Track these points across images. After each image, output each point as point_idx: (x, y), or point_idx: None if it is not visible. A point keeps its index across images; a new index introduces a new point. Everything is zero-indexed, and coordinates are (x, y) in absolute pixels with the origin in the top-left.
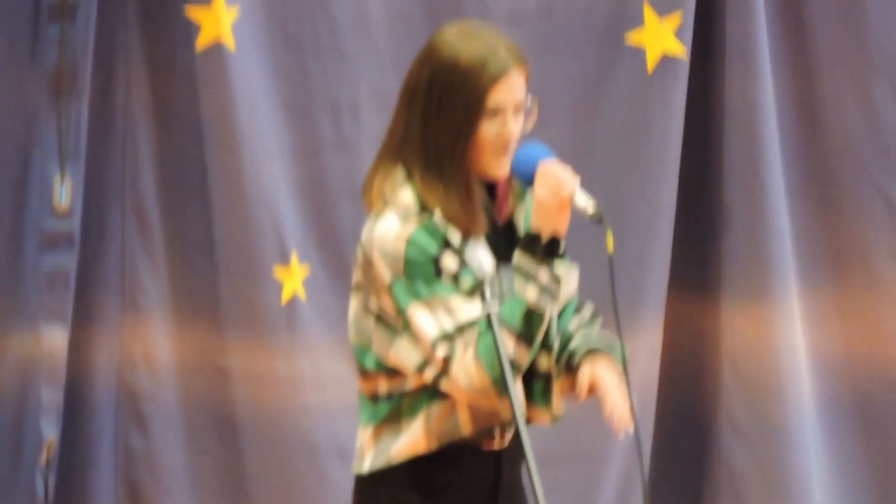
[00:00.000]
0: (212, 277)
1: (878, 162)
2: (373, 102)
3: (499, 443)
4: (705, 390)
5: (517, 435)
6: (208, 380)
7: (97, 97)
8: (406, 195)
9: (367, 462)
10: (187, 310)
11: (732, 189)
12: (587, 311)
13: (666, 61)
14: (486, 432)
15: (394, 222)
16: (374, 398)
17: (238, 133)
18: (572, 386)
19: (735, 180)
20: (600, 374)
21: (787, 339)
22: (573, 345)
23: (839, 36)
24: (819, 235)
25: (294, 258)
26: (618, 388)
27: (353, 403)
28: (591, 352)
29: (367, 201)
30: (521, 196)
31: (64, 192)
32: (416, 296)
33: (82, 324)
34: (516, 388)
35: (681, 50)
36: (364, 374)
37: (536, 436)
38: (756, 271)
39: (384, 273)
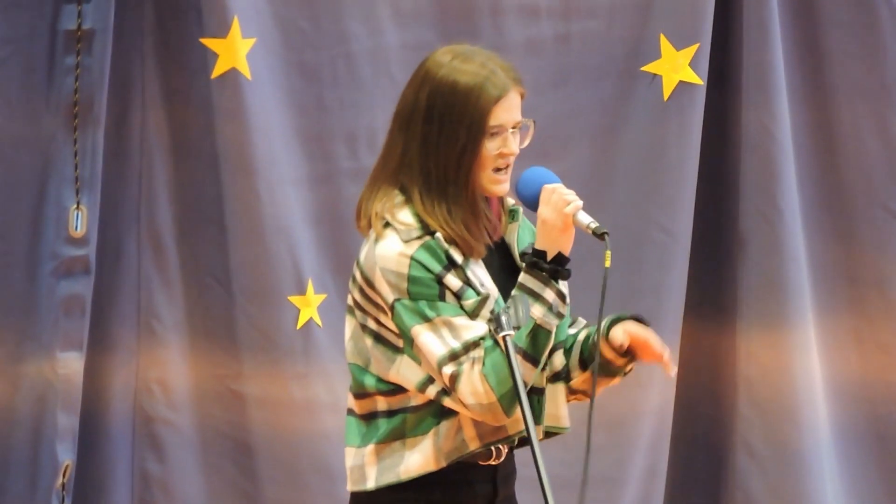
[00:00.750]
0: (227, 303)
1: (894, 189)
2: None
3: (496, 458)
4: (721, 415)
5: (511, 452)
6: (224, 405)
7: (113, 125)
8: (406, 216)
9: (372, 479)
10: (203, 335)
11: (748, 216)
12: (580, 323)
13: (682, 87)
14: (489, 448)
15: (396, 242)
16: (371, 416)
17: (254, 161)
18: (586, 391)
19: (751, 207)
20: (633, 328)
21: (803, 364)
22: (581, 336)
23: (856, 65)
24: (835, 262)
25: (310, 287)
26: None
27: None
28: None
29: (361, 225)
30: (512, 216)
31: (80, 220)
32: (421, 316)
33: (98, 350)
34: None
35: (697, 79)
36: (361, 392)
37: (554, 460)
38: (772, 297)
39: (386, 292)
